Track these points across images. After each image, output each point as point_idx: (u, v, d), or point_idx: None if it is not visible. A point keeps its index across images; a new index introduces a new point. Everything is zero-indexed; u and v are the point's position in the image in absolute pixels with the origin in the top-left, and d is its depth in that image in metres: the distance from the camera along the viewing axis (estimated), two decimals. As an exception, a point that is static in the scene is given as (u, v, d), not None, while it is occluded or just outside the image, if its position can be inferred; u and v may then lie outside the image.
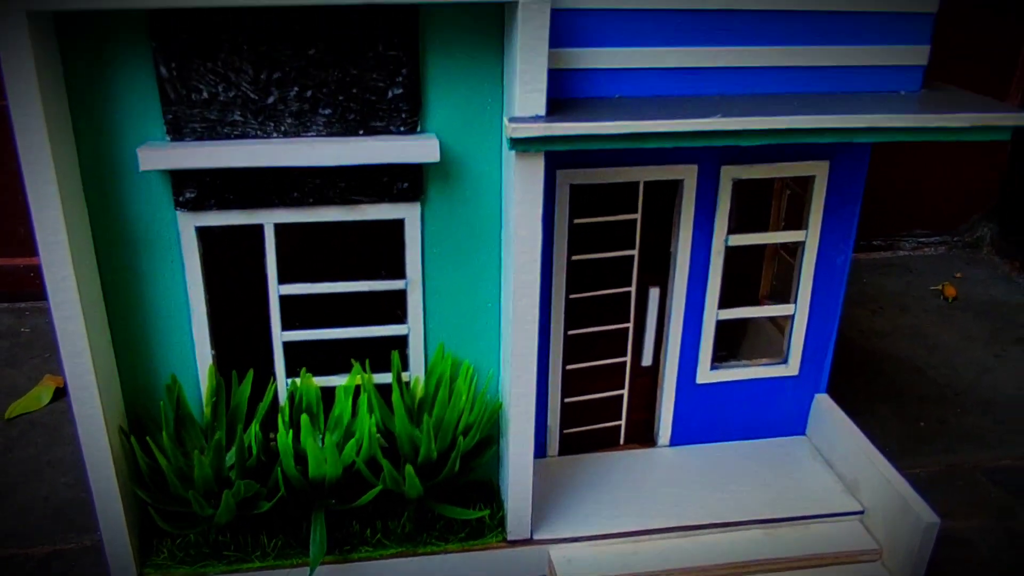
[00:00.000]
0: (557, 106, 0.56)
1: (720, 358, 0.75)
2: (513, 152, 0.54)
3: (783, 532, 0.69)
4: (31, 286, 1.10)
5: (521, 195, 0.55)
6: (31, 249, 1.09)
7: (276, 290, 0.60)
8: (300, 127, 0.56)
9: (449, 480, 0.62)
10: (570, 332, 0.71)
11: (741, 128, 0.54)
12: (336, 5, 0.51)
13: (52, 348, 1.01)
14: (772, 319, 0.78)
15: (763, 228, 0.75)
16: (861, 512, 0.70)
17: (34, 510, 0.75)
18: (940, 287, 1.17)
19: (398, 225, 0.59)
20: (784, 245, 0.75)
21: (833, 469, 0.74)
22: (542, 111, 0.53)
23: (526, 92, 0.53)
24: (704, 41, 0.58)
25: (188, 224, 0.57)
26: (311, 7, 0.52)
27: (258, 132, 0.55)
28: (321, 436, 0.62)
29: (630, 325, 0.73)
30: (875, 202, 1.25)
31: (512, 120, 0.53)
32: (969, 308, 1.13)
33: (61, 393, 0.92)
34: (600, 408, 0.76)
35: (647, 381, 0.75)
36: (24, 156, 0.51)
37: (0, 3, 0.46)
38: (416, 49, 0.55)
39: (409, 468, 0.59)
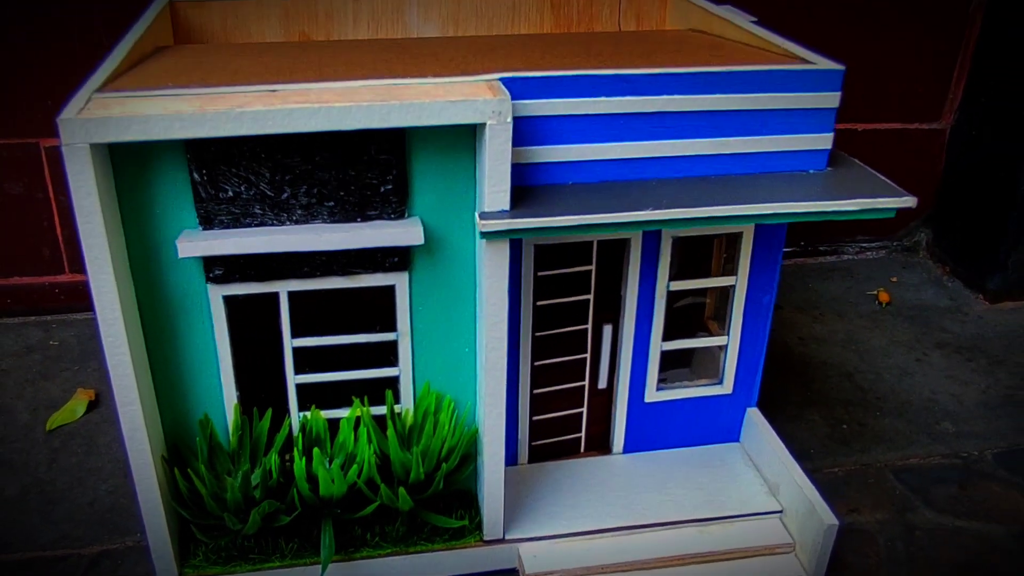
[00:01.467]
0: (520, 194, 0.68)
1: (672, 367, 0.88)
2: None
3: (713, 529, 0.83)
4: (55, 301, 1.22)
5: (489, 272, 0.67)
6: (56, 268, 1.21)
7: (290, 343, 0.73)
8: (308, 216, 0.67)
9: (435, 495, 0.76)
10: (536, 363, 0.84)
11: (667, 218, 0.66)
12: (336, 130, 0.62)
13: (80, 361, 1.14)
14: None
15: (708, 271, 0.87)
16: (780, 512, 0.84)
17: (81, 514, 0.88)
18: (876, 292, 1.30)
19: (390, 290, 0.72)
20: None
21: (760, 473, 0.88)
22: (506, 206, 0.65)
23: (493, 192, 0.65)
24: (642, 137, 0.70)
25: (216, 294, 0.69)
26: (317, 128, 0.63)
27: (274, 221, 0.67)
28: (329, 459, 0.75)
29: (587, 356, 0.86)
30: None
31: (482, 216, 0.65)
32: (900, 313, 1.26)
33: (93, 405, 1.04)
34: (563, 423, 0.89)
35: (603, 400, 0.89)
36: (86, 247, 0.63)
37: (68, 136, 0.58)
38: (403, 154, 0.66)
39: (402, 490, 0.72)
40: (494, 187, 0.65)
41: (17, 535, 0.85)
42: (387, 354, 0.75)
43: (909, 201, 0.70)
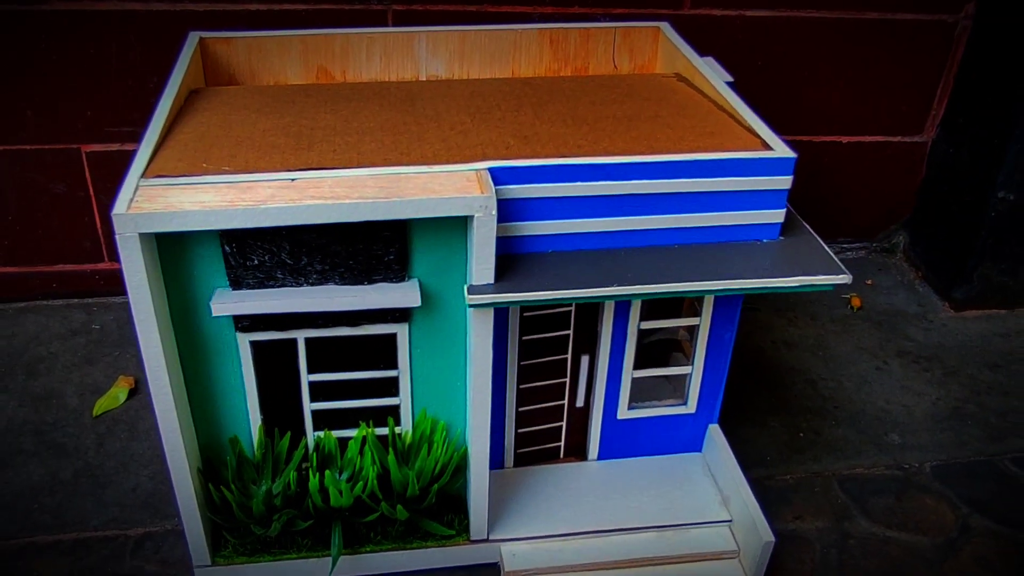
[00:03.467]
0: (505, 263, 0.79)
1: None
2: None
3: (670, 535, 0.95)
4: (96, 285, 1.34)
5: (476, 334, 0.78)
6: (96, 257, 1.33)
7: (306, 378, 0.85)
8: (323, 279, 0.78)
9: (429, 506, 0.89)
10: (521, 386, 0.96)
11: (631, 293, 0.77)
12: (346, 221, 0.73)
13: (120, 346, 1.26)
14: (683, 350, 1.02)
15: (679, 310, 0.97)
16: (730, 521, 0.97)
17: (127, 498, 1.02)
18: (849, 296, 1.40)
19: (392, 336, 0.83)
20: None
21: (716, 484, 1.00)
22: (491, 280, 0.76)
23: (479, 268, 0.75)
24: (613, 213, 0.80)
25: (244, 340, 0.81)
26: (330, 214, 0.74)
27: (293, 283, 0.78)
28: (339, 471, 0.88)
29: (567, 380, 0.97)
30: (805, 211, 1.48)
31: (470, 289, 0.76)
32: (868, 318, 1.36)
33: (133, 392, 1.18)
34: (545, 434, 1.01)
35: (580, 415, 1.01)
36: (135, 308, 0.74)
37: (121, 228, 0.69)
38: (405, 232, 0.77)
39: (400, 506, 0.85)
40: (480, 265, 0.75)
41: (72, 516, 1.00)
42: (389, 386, 0.87)
43: (845, 278, 0.80)
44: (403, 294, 0.79)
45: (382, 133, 0.84)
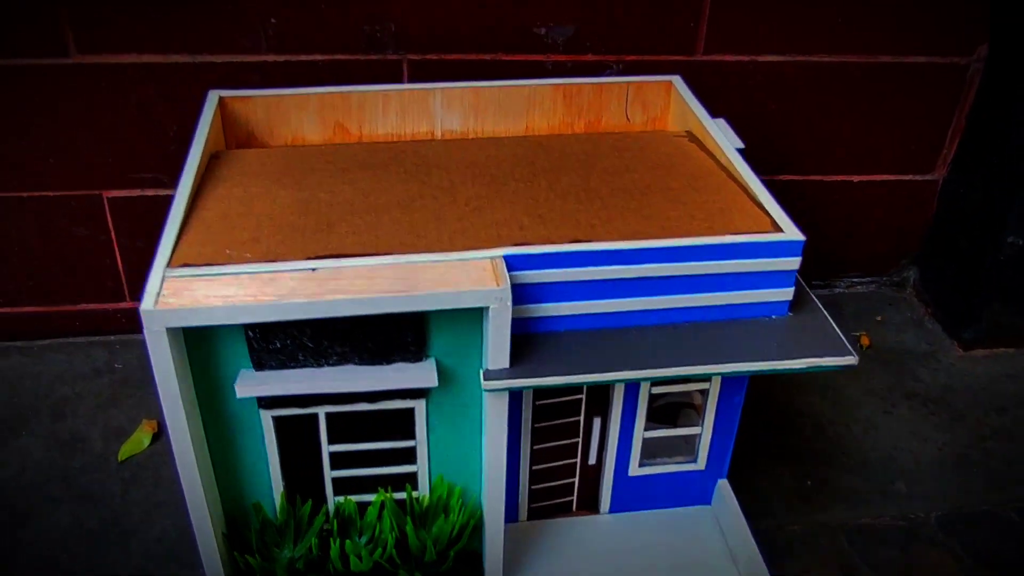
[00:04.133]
0: (521, 343, 0.81)
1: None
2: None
3: (679, 592, 0.98)
4: (118, 323, 1.37)
5: (491, 416, 0.81)
6: (118, 296, 1.36)
7: (327, 448, 0.87)
8: (342, 360, 0.81)
9: (447, 570, 0.91)
10: (535, 446, 0.98)
11: (642, 377, 0.79)
12: (365, 314, 0.75)
13: (143, 385, 1.29)
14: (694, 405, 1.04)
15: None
16: (737, 576, 0.99)
17: (152, 548, 1.05)
18: (859, 335, 1.41)
19: (410, 411, 0.86)
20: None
21: (724, 540, 1.03)
22: (506, 364, 0.78)
23: (495, 354, 0.78)
24: (625, 295, 0.82)
25: (267, 416, 0.83)
26: (350, 304, 0.76)
27: (314, 364, 0.81)
28: (359, 533, 0.91)
29: (579, 440, 0.99)
30: (816, 245, 1.49)
31: (485, 375, 0.78)
32: (878, 357, 1.38)
33: (157, 436, 1.21)
34: (558, 489, 1.04)
35: (593, 472, 1.03)
36: (162, 392, 0.77)
37: (149, 323, 0.71)
38: (423, 316, 0.79)
39: (417, 573, 0.88)
40: (496, 351, 0.77)
41: (101, 566, 1.03)
42: (407, 455, 0.89)
43: (851, 360, 0.81)
44: (421, 374, 0.81)
45: (399, 211, 0.86)
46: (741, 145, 0.98)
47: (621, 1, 1.20)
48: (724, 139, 0.98)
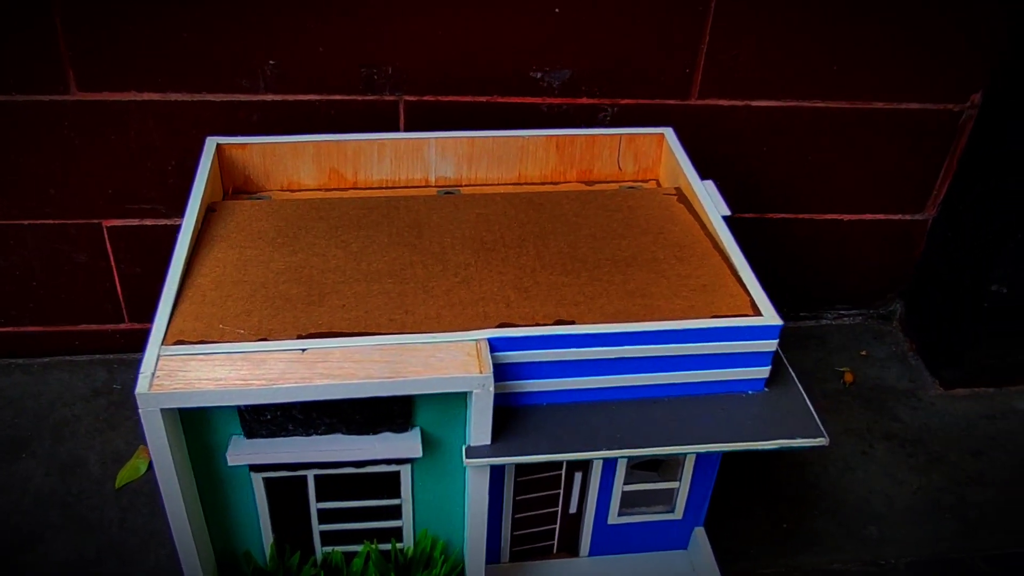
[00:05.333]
0: (503, 415, 0.84)
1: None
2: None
3: (652, 639, 1.02)
4: (117, 343, 1.40)
5: (474, 486, 0.84)
6: (117, 318, 1.38)
7: (315, 505, 0.91)
8: (330, 430, 0.84)
9: (427, 618, 0.95)
10: (518, 497, 1.02)
11: (619, 455, 0.82)
12: (353, 397, 0.78)
13: (140, 408, 1.33)
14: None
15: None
16: (709, 624, 1.03)
17: (148, 579, 1.10)
18: (843, 371, 1.44)
19: (396, 474, 0.89)
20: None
21: (698, 586, 1.07)
22: (488, 442, 0.81)
23: (477, 432, 0.81)
24: (605, 373, 0.85)
25: (258, 478, 0.87)
26: (338, 384, 0.79)
27: (303, 434, 0.84)
28: (344, 581, 0.95)
29: (560, 492, 1.03)
30: (805, 278, 1.52)
31: (468, 452, 0.81)
32: (860, 394, 1.41)
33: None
34: (540, 535, 1.07)
35: (573, 519, 1.06)
36: (156, 462, 0.80)
37: (144, 405, 0.74)
38: (409, 398, 0.82)
39: (400, 626, 0.92)
40: (477, 430, 0.81)
41: (98, 597, 1.07)
42: (393, 512, 0.93)
43: (822, 442, 0.84)
44: (406, 445, 0.84)
45: (389, 280, 0.89)
46: (727, 212, 1.00)
47: (616, 47, 1.21)
48: (711, 204, 1.00)
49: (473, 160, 1.12)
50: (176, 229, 0.94)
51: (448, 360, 0.79)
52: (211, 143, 1.06)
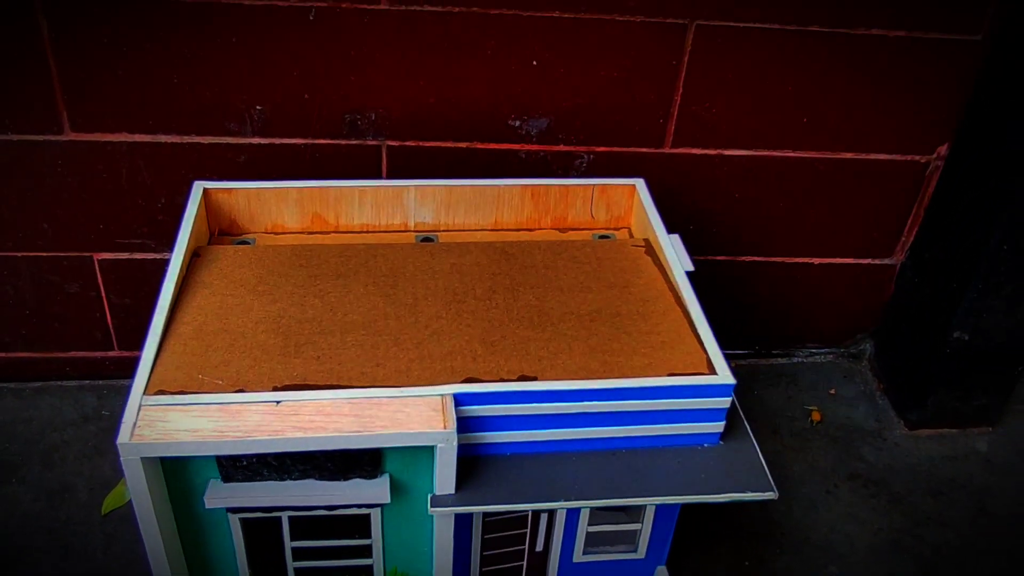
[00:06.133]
0: (467, 464, 0.88)
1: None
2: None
3: (613, 676, 1.06)
4: (106, 370, 1.44)
5: (439, 532, 0.88)
6: (107, 346, 1.42)
7: (289, 544, 0.95)
8: (303, 476, 0.88)
9: (395, 654, 1.00)
10: (486, 536, 1.06)
11: (577, 505, 0.86)
12: (323, 450, 0.82)
13: (127, 434, 1.37)
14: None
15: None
16: (667, 662, 1.07)
17: (130, 606, 1.14)
18: (811, 410, 1.48)
19: (366, 516, 0.93)
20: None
21: (659, 623, 1.11)
22: (452, 491, 0.86)
23: (441, 482, 0.85)
24: (565, 426, 0.89)
25: (235, 519, 0.91)
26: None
27: (277, 478, 0.88)
28: (316, 615, 0.99)
29: (527, 531, 1.07)
30: (776, 317, 1.56)
31: (433, 501, 0.85)
32: (827, 433, 1.45)
33: (138, 489, 1.28)
34: (508, 571, 1.11)
35: (540, 556, 1.11)
36: (137, 506, 0.84)
37: (125, 453, 0.78)
38: (378, 452, 0.86)
39: (367, 662, 0.96)
40: (442, 480, 0.85)
41: (81, 623, 1.11)
42: (363, 551, 0.97)
43: (771, 495, 0.89)
44: (375, 491, 0.88)
45: (363, 332, 0.93)
46: (690, 268, 1.04)
47: (594, 98, 1.26)
48: (675, 258, 1.05)
49: (451, 207, 1.17)
50: (164, 263, 0.98)
51: (415, 415, 0.83)
52: (198, 187, 1.11)
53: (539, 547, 1.09)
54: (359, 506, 0.91)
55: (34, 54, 1.15)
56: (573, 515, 1.04)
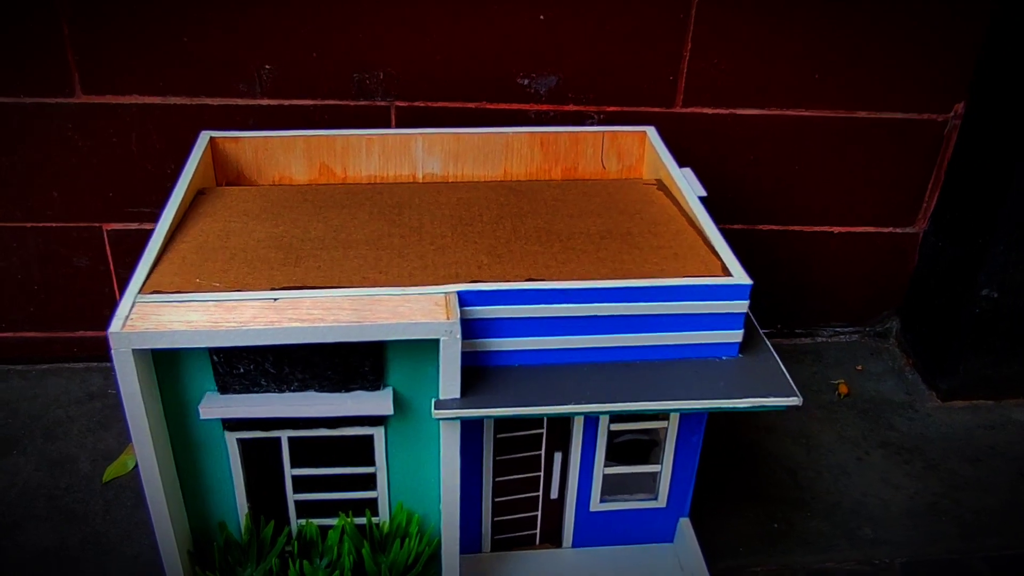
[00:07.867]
0: (472, 375, 0.84)
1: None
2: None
3: (634, 628, 1.00)
4: (115, 351, 1.42)
5: (446, 443, 0.84)
6: (115, 325, 1.38)
7: (289, 472, 0.91)
8: (303, 387, 0.85)
9: (402, 595, 0.94)
10: (497, 479, 1.01)
11: (590, 411, 0.82)
12: (323, 342, 0.79)
13: (133, 411, 1.34)
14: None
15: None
16: (693, 615, 1.00)
17: (129, 567, 1.08)
18: (838, 383, 1.43)
19: (369, 437, 0.89)
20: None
21: (683, 575, 1.04)
22: (457, 395, 0.82)
23: (446, 385, 0.81)
24: (576, 332, 0.85)
25: (232, 438, 0.87)
26: (308, 333, 0.80)
27: (276, 390, 0.84)
28: (320, 555, 0.94)
29: (541, 474, 1.02)
30: (800, 295, 1.51)
31: (437, 404, 0.81)
32: (855, 406, 1.39)
33: (142, 460, 1.25)
34: (521, 522, 1.06)
35: (555, 506, 1.05)
36: (129, 413, 0.81)
37: (116, 344, 0.76)
38: (380, 347, 0.83)
39: (371, 597, 0.91)
40: (446, 382, 0.81)
41: (77, 583, 1.07)
42: (367, 481, 0.92)
43: (796, 401, 0.84)
44: (377, 403, 0.85)
45: (366, 247, 0.91)
46: (703, 193, 1.02)
47: (602, 56, 1.25)
48: (688, 187, 1.02)
49: (459, 156, 1.15)
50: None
51: (416, 308, 0.80)
52: (204, 136, 1.10)
53: (554, 494, 1.04)
54: (361, 420, 0.87)
55: (46, 16, 1.17)
56: (589, 453, 0.99)
